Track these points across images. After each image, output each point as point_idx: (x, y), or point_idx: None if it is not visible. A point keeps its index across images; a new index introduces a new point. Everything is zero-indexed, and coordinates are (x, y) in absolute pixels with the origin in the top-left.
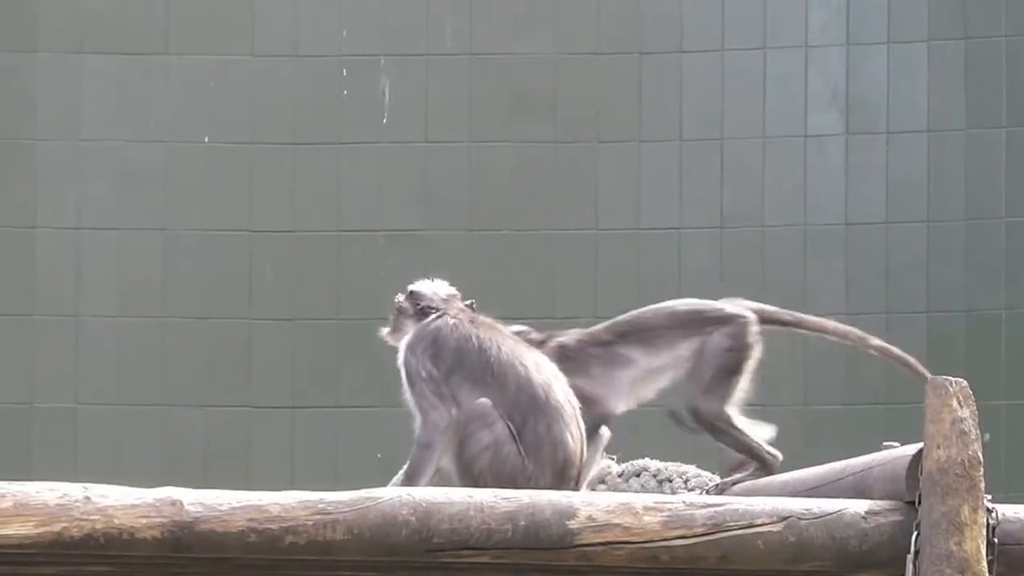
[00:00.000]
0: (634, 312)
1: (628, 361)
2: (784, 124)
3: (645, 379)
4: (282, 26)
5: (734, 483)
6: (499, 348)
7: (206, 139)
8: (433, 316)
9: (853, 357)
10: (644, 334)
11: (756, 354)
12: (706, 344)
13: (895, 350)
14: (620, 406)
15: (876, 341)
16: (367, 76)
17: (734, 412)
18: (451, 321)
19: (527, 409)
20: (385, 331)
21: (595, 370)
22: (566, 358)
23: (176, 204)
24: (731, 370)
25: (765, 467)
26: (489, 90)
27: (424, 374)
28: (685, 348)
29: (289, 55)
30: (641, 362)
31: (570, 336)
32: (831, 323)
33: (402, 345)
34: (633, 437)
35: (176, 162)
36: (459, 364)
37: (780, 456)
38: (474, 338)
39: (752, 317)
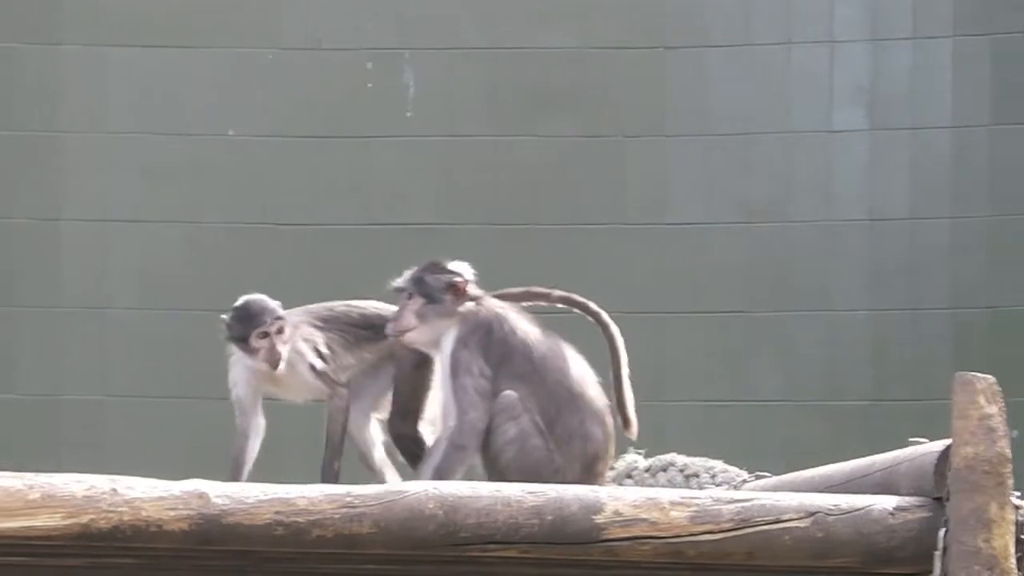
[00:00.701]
0: (328, 304)
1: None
2: (809, 119)
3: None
4: (306, 19)
5: None
6: (538, 340)
7: (230, 132)
8: (474, 305)
9: (879, 352)
10: (339, 325)
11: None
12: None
13: (576, 297)
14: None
15: (558, 293)
16: (391, 69)
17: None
18: (499, 313)
19: (562, 402)
20: (407, 321)
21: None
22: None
23: (200, 197)
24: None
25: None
26: (513, 84)
27: (475, 369)
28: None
29: (313, 48)
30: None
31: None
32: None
33: (451, 337)
34: (660, 432)
35: (200, 155)
36: (506, 358)
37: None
38: (519, 331)
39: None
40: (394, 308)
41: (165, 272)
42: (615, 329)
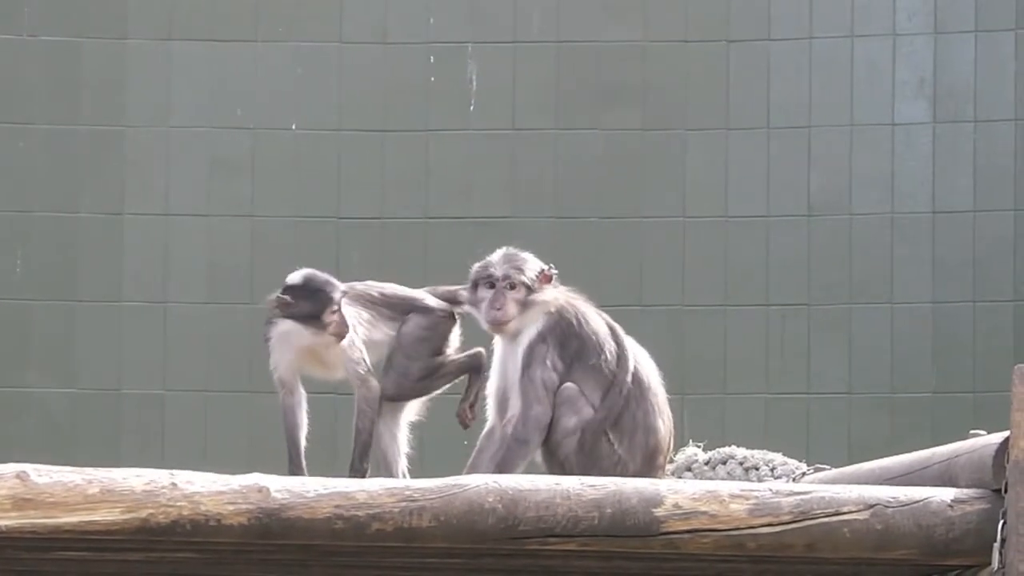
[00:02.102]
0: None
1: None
2: (872, 112)
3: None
4: (370, 13)
5: None
6: (607, 333)
7: (294, 126)
8: (556, 295)
9: (941, 345)
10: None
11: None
12: (402, 329)
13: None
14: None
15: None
16: (455, 63)
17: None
18: (577, 304)
19: (630, 395)
20: (510, 310)
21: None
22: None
23: (264, 191)
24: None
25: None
26: (577, 77)
27: (548, 363)
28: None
29: (377, 42)
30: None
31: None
32: None
33: (534, 327)
34: (719, 425)
35: (264, 149)
36: (581, 350)
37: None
38: (593, 323)
39: (448, 310)
40: (407, 290)
41: (228, 266)
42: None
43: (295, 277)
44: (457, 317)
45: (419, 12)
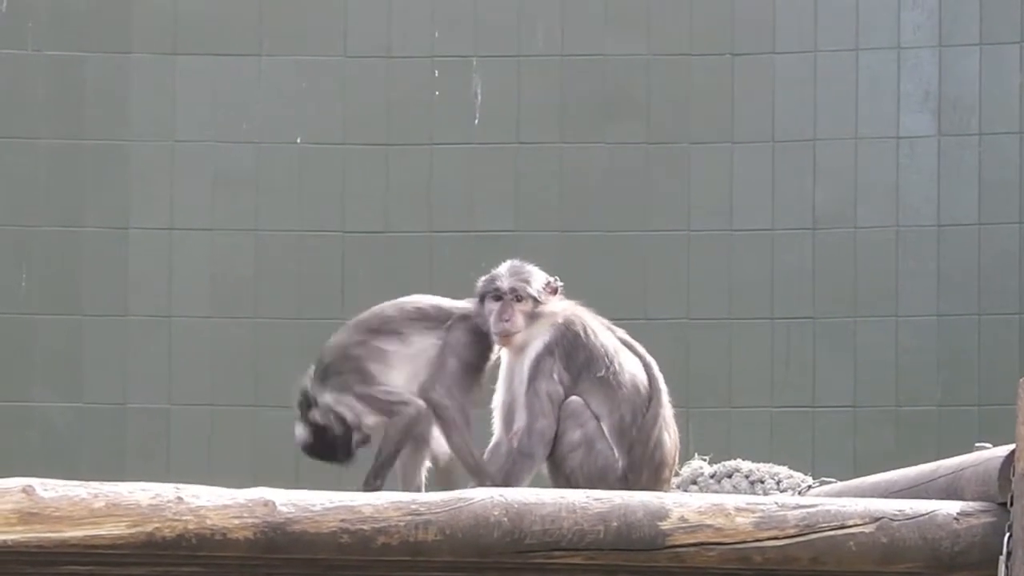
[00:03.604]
0: (374, 309)
1: (386, 353)
2: (876, 125)
3: (407, 365)
4: (374, 27)
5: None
6: (615, 345)
7: (298, 140)
8: (562, 307)
9: (946, 358)
10: (392, 326)
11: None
12: (448, 337)
13: None
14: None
15: None
16: (459, 77)
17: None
18: (583, 317)
19: (636, 408)
20: (518, 322)
21: (372, 367)
22: (335, 373)
23: (268, 205)
24: (472, 365)
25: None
26: (581, 91)
27: (555, 376)
28: (433, 338)
29: (381, 56)
30: (400, 351)
31: (325, 354)
32: None
33: (540, 340)
34: (725, 438)
35: (268, 163)
36: (588, 363)
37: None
38: (600, 335)
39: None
40: (438, 299)
41: (232, 280)
42: None
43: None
44: None
45: (423, 26)
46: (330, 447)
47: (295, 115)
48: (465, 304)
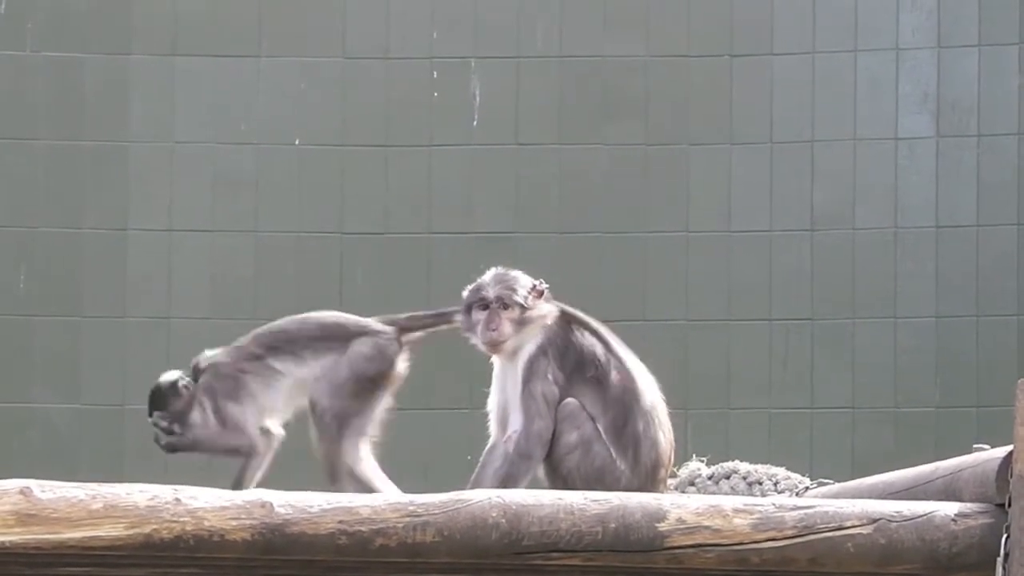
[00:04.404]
0: (278, 323)
1: (280, 374)
2: (875, 126)
3: (296, 389)
4: (373, 28)
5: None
6: (606, 348)
7: (297, 141)
8: (551, 311)
9: (945, 359)
10: (292, 346)
11: (399, 370)
12: (348, 353)
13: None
14: (277, 419)
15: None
16: (457, 78)
17: (361, 443)
18: (574, 319)
19: (629, 409)
20: (506, 330)
21: (254, 386)
22: (222, 377)
23: (267, 206)
24: (369, 379)
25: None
26: (579, 92)
27: (550, 376)
28: (330, 359)
29: (380, 57)
30: (294, 372)
31: (222, 354)
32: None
33: (532, 343)
34: (723, 439)
35: (267, 164)
36: (580, 364)
37: None
38: (590, 337)
39: (392, 333)
40: (347, 316)
41: (231, 282)
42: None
43: None
44: (403, 344)
45: (422, 27)
46: (166, 411)
47: (294, 116)
48: (371, 321)
